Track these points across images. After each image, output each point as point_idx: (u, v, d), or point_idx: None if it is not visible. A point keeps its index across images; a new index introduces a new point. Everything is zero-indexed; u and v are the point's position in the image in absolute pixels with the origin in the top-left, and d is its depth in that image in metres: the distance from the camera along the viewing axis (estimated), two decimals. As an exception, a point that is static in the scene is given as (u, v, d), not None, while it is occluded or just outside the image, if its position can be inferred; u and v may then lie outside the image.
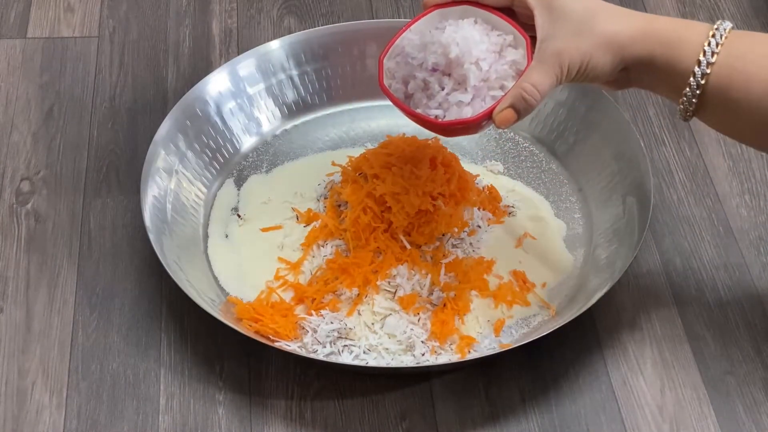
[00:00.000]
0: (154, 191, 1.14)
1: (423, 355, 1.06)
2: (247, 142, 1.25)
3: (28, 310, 1.11)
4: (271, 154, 1.25)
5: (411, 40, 1.04)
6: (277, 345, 1.05)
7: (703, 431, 1.03)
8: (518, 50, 1.01)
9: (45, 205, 1.20)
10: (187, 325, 1.10)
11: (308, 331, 1.07)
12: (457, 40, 1.00)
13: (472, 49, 1.00)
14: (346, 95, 1.29)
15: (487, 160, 1.24)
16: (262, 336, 1.06)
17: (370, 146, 1.24)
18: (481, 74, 1.00)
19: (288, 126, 1.27)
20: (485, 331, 1.09)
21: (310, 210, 1.17)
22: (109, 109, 1.30)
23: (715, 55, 0.96)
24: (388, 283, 1.10)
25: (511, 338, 1.09)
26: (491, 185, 1.20)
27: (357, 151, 1.19)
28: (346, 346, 1.07)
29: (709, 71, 0.96)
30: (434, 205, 1.11)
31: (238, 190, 1.22)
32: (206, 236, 1.17)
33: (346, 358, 1.06)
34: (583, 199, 1.20)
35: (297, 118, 1.28)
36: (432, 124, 1.02)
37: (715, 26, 0.97)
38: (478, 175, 1.20)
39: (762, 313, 1.11)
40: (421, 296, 1.09)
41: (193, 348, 1.09)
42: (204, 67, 1.34)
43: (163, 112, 1.24)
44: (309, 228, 1.15)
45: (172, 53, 1.37)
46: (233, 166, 1.23)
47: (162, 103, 1.30)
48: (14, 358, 1.08)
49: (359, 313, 1.09)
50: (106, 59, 1.36)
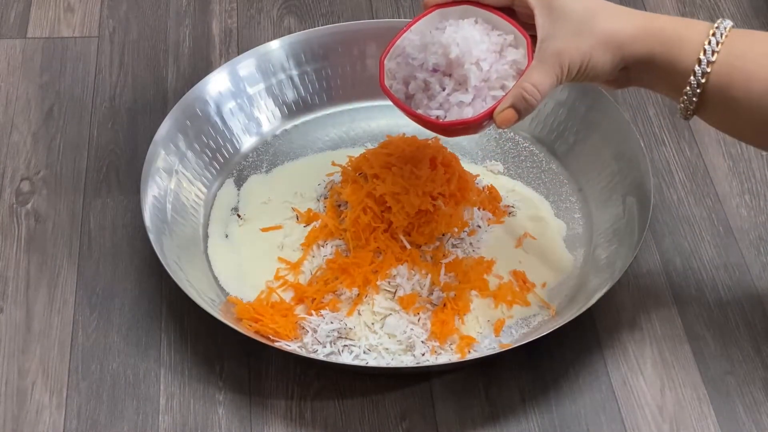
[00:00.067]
0: (154, 191, 1.14)
1: (423, 355, 1.06)
2: (247, 142, 1.25)
3: (28, 310, 1.11)
4: (271, 154, 1.25)
5: (411, 41, 1.04)
6: (277, 345, 1.05)
7: (703, 431, 1.03)
8: (519, 50, 1.01)
9: (45, 205, 1.20)
10: (187, 325, 1.10)
11: (308, 331, 1.07)
12: (458, 40, 1.00)
13: (473, 50, 1.00)
14: (346, 95, 1.29)
15: (487, 160, 1.24)
16: (262, 336, 1.06)
17: (370, 146, 1.24)
18: (482, 74, 1.00)
19: (288, 126, 1.27)
20: (485, 331, 1.09)
21: (310, 210, 1.17)
22: (109, 109, 1.30)
23: (716, 54, 0.96)
24: (388, 283, 1.10)
25: (511, 338, 1.09)
26: (491, 185, 1.20)
27: (357, 151, 1.19)
28: (346, 346, 1.06)
29: (709, 70, 0.96)
30: (434, 205, 1.11)
31: (238, 190, 1.22)
32: (206, 236, 1.17)
33: (346, 358, 1.06)
34: (583, 199, 1.20)
35: (297, 118, 1.28)
36: (433, 125, 1.02)
37: (716, 25, 0.97)
38: (478, 175, 1.20)
39: (762, 313, 1.11)
40: (421, 296, 1.09)
41: (193, 348, 1.09)
42: (204, 67, 1.34)
43: (163, 112, 1.24)
44: (309, 228, 1.15)
45: (172, 53, 1.37)
46: (233, 166, 1.23)
47: (162, 103, 1.30)
48: (14, 358, 1.08)
49: (359, 313, 1.09)
50: (106, 59, 1.36)
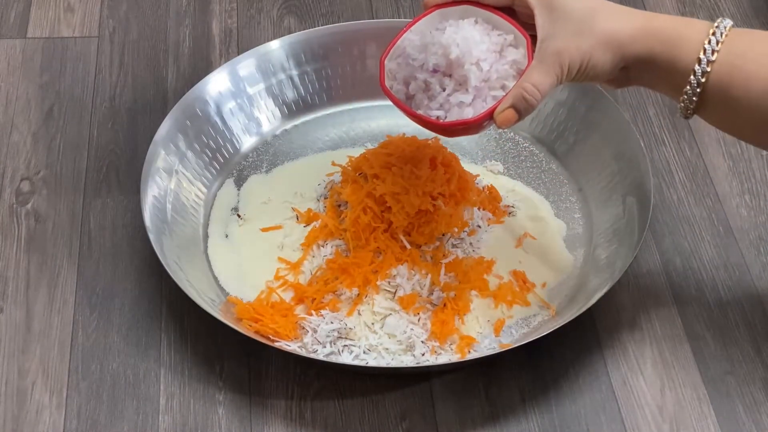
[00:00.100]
0: (154, 191, 1.14)
1: (423, 355, 1.06)
2: (247, 142, 1.25)
3: (28, 310, 1.11)
4: (271, 154, 1.25)
5: (412, 41, 1.03)
6: (277, 345, 1.05)
7: (703, 431, 1.03)
8: (519, 50, 1.01)
9: (45, 205, 1.20)
10: (187, 325, 1.10)
11: (308, 331, 1.07)
12: (458, 40, 1.00)
13: (473, 50, 1.00)
14: (346, 95, 1.29)
15: (487, 160, 1.24)
16: (262, 336, 1.06)
17: (370, 146, 1.24)
18: (482, 74, 1.00)
19: (288, 126, 1.27)
20: (485, 331, 1.09)
21: (310, 210, 1.17)
22: (109, 109, 1.30)
23: (716, 54, 0.96)
24: (388, 283, 1.10)
25: (511, 338, 1.09)
26: (491, 185, 1.20)
27: (357, 151, 1.19)
28: (346, 346, 1.06)
29: (709, 69, 0.96)
30: (434, 205, 1.11)
31: (238, 190, 1.22)
32: (206, 236, 1.17)
33: (346, 358, 1.06)
34: (583, 199, 1.20)
35: (297, 118, 1.28)
36: (433, 125, 1.02)
37: (716, 24, 0.97)
38: (478, 175, 1.20)
39: (762, 313, 1.11)
40: (421, 296, 1.09)
41: (193, 348, 1.09)
42: (204, 67, 1.34)
43: (163, 112, 1.24)
44: (309, 228, 1.15)
45: (172, 53, 1.37)
46: (233, 166, 1.23)
47: (162, 103, 1.30)
48: (14, 358, 1.08)
49: (359, 313, 1.09)
50: (106, 59, 1.36)
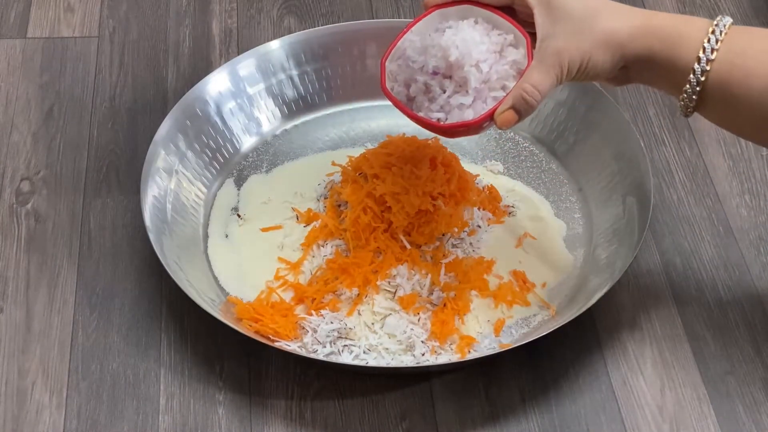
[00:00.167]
0: (154, 191, 1.14)
1: (423, 355, 1.06)
2: (247, 142, 1.25)
3: (28, 310, 1.11)
4: (271, 154, 1.25)
5: (412, 42, 1.03)
6: (277, 345, 1.05)
7: (703, 431, 1.03)
8: (519, 50, 1.01)
9: (45, 205, 1.20)
10: (187, 325, 1.10)
11: (308, 331, 1.07)
12: (457, 42, 1.00)
13: (472, 52, 1.00)
14: (346, 95, 1.29)
15: (487, 160, 1.24)
16: (262, 336, 1.06)
17: (370, 146, 1.24)
18: (482, 76, 1.00)
19: (288, 126, 1.27)
20: (485, 331, 1.09)
21: (310, 210, 1.17)
22: (109, 109, 1.30)
23: (715, 52, 0.96)
24: (388, 283, 1.10)
25: (511, 338, 1.09)
26: (491, 185, 1.20)
27: (357, 151, 1.19)
28: (346, 346, 1.06)
29: (709, 68, 0.96)
30: (434, 205, 1.11)
31: (238, 190, 1.22)
32: (206, 236, 1.17)
33: (346, 358, 1.06)
34: (583, 199, 1.20)
35: (297, 118, 1.28)
36: (434, 127, 1.02)
37: (715, 22, 0.97)
38: (478, 175, 1.20)
39: (762, 313, 1.11)
40: (421, 296, 1.09)
41: (193, 348, 1.08)
42: (204, 67, 1.34)
43: (163, 112, 1.24)
44: (309, 228, 1.15)
45: (172, 53, 1.37)
46: (233, 166, 1.23)
47: (162, 103, 1.30)
48: (14, 358, 1.08)
49: (359, 313, 1.09)
50: (106, 59, 1.36)
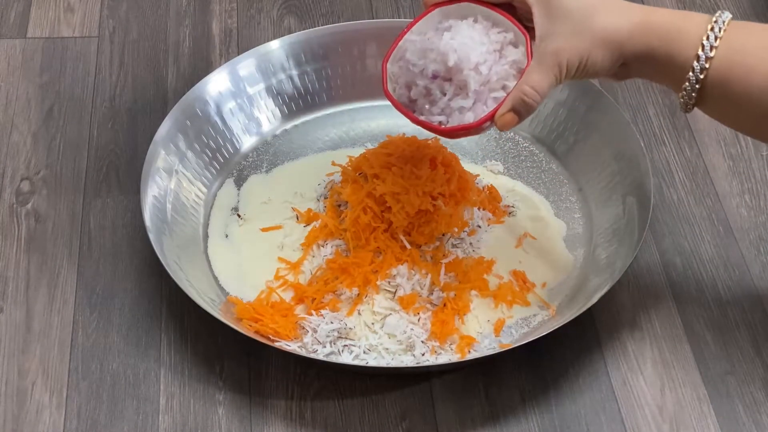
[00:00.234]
0: (154, 191, 1.14)
1: (423, 355, 1.06)
2: (247, 142, 1.25)
3: (28, 310, 1.11)
4: (271, 154, 1.25)
5: (413, 42, 1.03)
6: (277, 345, 1.05)
7: (703, 431, 1.03)
8: (519, 48, 1.01)
9: (45, 205, 1.20)
10: (187, 325, 1.10)
11: (308, 331, 1.07)
12: (455, 46, 1.00)
13: (471, 55, 1.00)
14: (346, 95, 1.29)
15: (487, 160, 1.24)
16: (262, 336, 1.06)
17: (370, 146, 1.24)
18: (481, 78, 1.00)
19: (288, 126, 1.27)
20: (485, 331, 1.09)
21: (310, 210, 1.17)
22: (109, 109, 1.30)
23: (714, 50, 0.95)
24: (388, 283, 1.10)
25: (511, 338, 1.09)
26: (491, 185, 1.20)
27: (357, 151, 1.19)
28: (346, 346, 1.06)
29: (708, 66, 0.96)
30: (434, 205, 1.11)
31: (238, 190, 1.22)
32: (206, 236, 1.17)
33: (346, 358, 1.06)
34: (583, 199, 1.20)
35: (297, 118, 1.28)
36: (435, 130, 1.02)
37: (714, 19, 0.96)
38: (478, 175, 1.20)
39: (762, 313, 1.11)
40: (421, 296, 1.09)
41: (193, 348, 1.09)
42: (204, 67, 1.34)
43: (163, 112, 1.24)
44: (309, 228, 1.15)
45: (172, 53, 1.37)
46: (233, 166, 1.23)
47: (162, 103, 1.30)
48: (14, 358, 1.08)
49: (359, 313, 1.09)
50: (106, 59, 1.36)
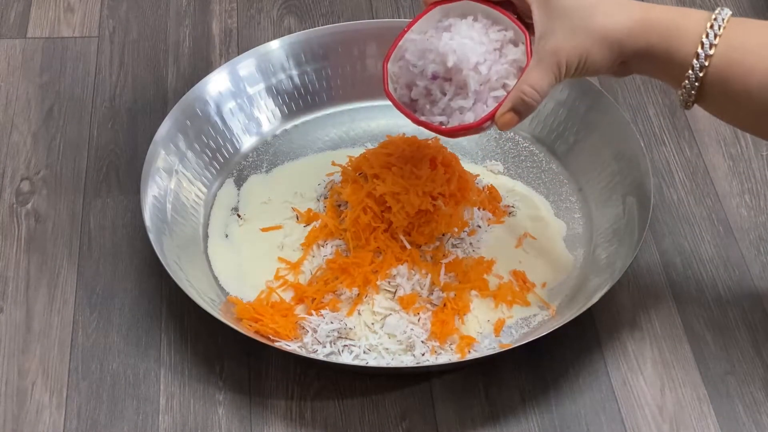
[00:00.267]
0: (154, 191, 1.14)
1: (423, 355, 1.06)
2: (247, 142, 1.25)
3: (28, 310, 1.11)
4: (271, 154, 1.25)
5: (413, 42, 1.03)
6: (277, 345, 1.05)
7: (703, 431, 1.03)
8: (519, 47, 1.01)
9: (45, 205, 1.20)
10: (187, 325, 1.10)
11: (308, 331, 1.07)
12: (454, 47, 1.00)
13: (470, 55, 1.00)
14: (346, 95, 1.29)
15: (487, 160, 1.24)
16: (262, 336, 1.06)
17: (370, 146, 1.24)
18: (481, 78, 1.00)
19: (288, 126, 1.27)
20: (485, 331, 1.09)
21: (310, 210, 1.17)
22: (109, 109, 1.30)
23: (713, 48, 0.95)
24: (388, 283, 1.10)
25: (511, 338, 1.09)
26: (491, 185, 1.20)
27: (357, 151, 1.19)
28: (346, 346, 1.06)
29: (707, 64, 0.95)
30: (434, 205, 1.11)
31: (238, 190, 1.22)
32: (206, 236, 1.17)
33: (346, 358, 1.06)
34: (583, 199, 1.20)
35: (297, 118, 1.28)
36: (436, 130, 1.02)
37: (713, 16, 0.96)
38: (478, 175, 1.20)
39: (762, 313, 1.11)
40: (421, 296, 1.09)
41: (193, 348, 1.08)
42: (204, 67, 1.34)
43: (163, 112, 1.24)
44: (309, 228, 1.15)
45: (172, 53, 1.37)
46: (233, 166, 1.23)
47: (162, 103, 1.30)
48: (14, 358, 1.08)
49: (359, 313, 1.09)
50: (106, 59, 1.36)
